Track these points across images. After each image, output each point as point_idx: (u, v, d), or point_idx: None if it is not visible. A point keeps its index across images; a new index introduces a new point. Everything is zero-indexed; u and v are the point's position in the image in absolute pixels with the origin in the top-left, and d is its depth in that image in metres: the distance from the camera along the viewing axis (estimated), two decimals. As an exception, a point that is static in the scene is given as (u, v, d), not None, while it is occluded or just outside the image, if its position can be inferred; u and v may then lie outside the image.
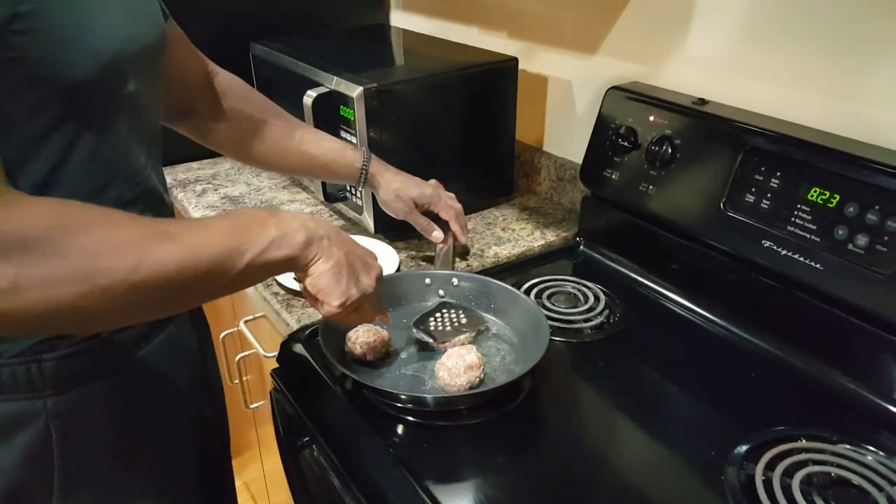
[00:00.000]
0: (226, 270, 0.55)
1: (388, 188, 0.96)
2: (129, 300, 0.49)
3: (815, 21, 0.83)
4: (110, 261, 0.48)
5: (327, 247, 0.63)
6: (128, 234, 0.50)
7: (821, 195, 0.77)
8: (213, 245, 0.54)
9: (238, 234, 0.56)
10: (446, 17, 1.47)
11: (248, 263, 0.56)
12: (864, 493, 0.62)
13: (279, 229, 0.59)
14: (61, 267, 0.46)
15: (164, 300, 0.53)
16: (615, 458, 0.70)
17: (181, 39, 0.81)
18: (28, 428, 0.62)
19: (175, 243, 0.52)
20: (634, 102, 0.98)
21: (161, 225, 0.53)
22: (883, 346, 0.73)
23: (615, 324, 0.89)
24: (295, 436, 0.81)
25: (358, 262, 0.67)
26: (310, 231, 0.61)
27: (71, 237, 0.47)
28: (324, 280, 0.64)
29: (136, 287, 0.49)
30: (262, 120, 0.90)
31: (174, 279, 0.51)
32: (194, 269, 0.52)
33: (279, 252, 0.59)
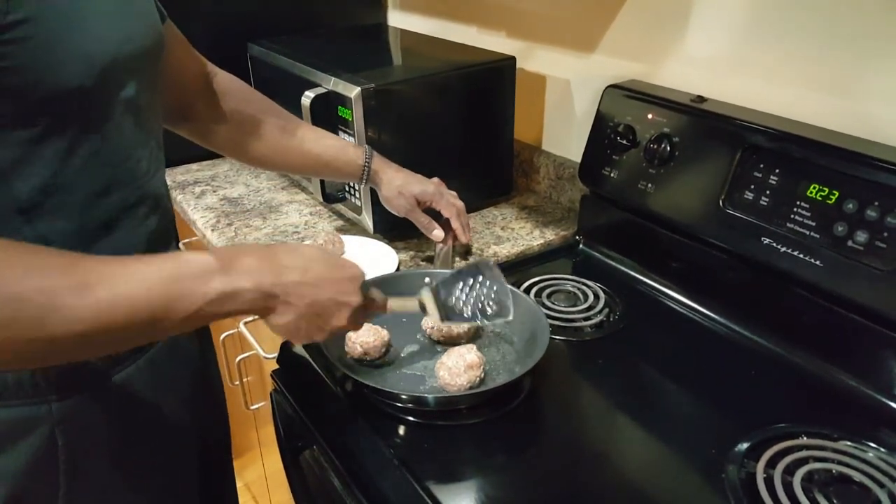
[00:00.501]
0: (150, 325, 0.51)
1: (391, 185, 0.96)
2: (34, 351, 0.47)
3: (813, 18, 0.83)
4: (13, 313, 0.45)
5: (283, 302, 0.58)
6: (36, 285, 0.46)
7: (820, 192, 0.77)
8: (136, 301, 0.50)
9: (171, 288, 0.51)
10: (444, 16, 1.46)
11: (179, 320, 0.52)
12: (866, 489, 0.62)
13: (225, 285, 0.53)
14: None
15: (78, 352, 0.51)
16: (616, 456, 0.70)
17: (179, 41, 0.80)
18: (33, 433, 0.62)
19: (90, 297, 0.48)
20: (633, 101, 0.98)
21: (83, 273, 0.49)
22: (883, 343, 0.73)
23: (615, 322, 0.89)
24: (295, 436, 0.81)
25: (328, 307, 0.61)
26: (263, 290, 0.56)
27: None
28: (281, 332, 0.61)
29: (40, 341, 0.46)
30: (263, 120, 0.90)
31: (85, 335, 0.48)
32: (109, 325, 0.49)
33: (221, 308, 0.54)
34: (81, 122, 0.56)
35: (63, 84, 0.53)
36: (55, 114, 0.54)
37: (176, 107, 0.82)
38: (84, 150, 0.57)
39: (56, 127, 0.54)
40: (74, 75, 0.53)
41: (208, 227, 1.17)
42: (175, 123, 0.85)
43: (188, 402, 0.77)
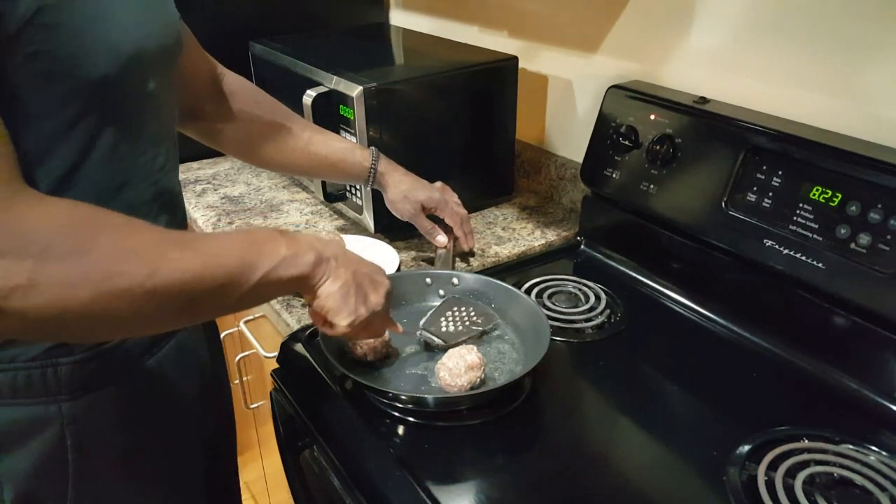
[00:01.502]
0: (238, 284, 0.54)
1: (397, 189, 0.96)
2: (141, 306, 0.49)
3: (817, 18, 0.83)
4: (128, 264, 0.47)
5: (335, 268, 0.63)
6: (146, 238, 0.50)
7: (823, 194, 0.77)
8: (227, 257, 0.54)
9: (251, 249, 0.56)
10: (446, 15, 1.46)
11: (259, 279, 0.56)
12: (867, 493, 0.61)
13: (289, 248, 0.58)
14: (78, 267, 0.45)
15: (176, 311, 0.53)
16: (616, 458, 0.70)
17: (191, 41, 0.81)
18: (43, 433, 0.61)
19: (192, 251, 0.51)
20: (635, 101, 0.98)
21: (176, 234, 0.53)
22: (885, 346, 0.73)
23: (616, 323, 0.89)
24: (295, 436, 0.80)
25: (366, 281, 0.66)
26: (318, 252, 0.61)
27: (89, 238, 0.46)
28: (332, 301, 0.63)
29: (150, 293, 0.48)
30: (270, 121, 0.90)
31: (189, 288, 0.50)
32: (210, 279, 0.52)
33: (289, 271, 0.58)
34: (104, 114, 0.56)
35: (88, 73, 0.53)
36: (79, 104, 0.54)
37: (184, 106, 0.82)
38: (104, 143, 0.57)
39: (79, 118, 0.55)
40: (100, 65, 0.53)
41: (209, 225, 1.17)
42: (183, 123, 0.85)
43: (197, 401, 0.77)
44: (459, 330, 0.82)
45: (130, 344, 0.66)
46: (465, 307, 0.86)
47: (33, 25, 0.48)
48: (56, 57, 0.51)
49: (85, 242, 0.46)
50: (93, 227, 0.47)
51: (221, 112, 0.87)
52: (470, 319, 0.84)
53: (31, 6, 0.48)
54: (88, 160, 0.57)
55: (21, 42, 0.48)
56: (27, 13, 0.48)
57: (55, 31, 0.50)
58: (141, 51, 0.58)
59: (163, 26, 0.63)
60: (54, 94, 0.52)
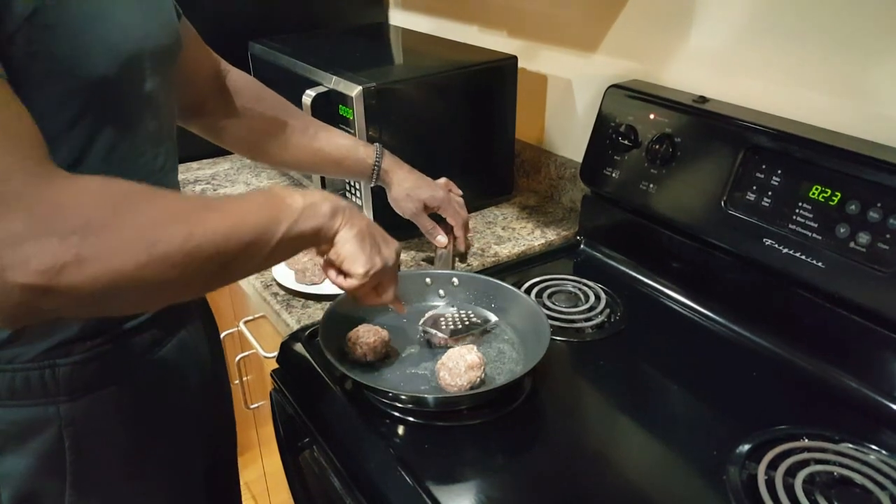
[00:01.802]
0: (266, 241, 0.56)
1: (400, 186, 0.96)
2: (183, 269, 0.50)
3: (816, 18, 0.83)
4: (166, 229, 0.49)
5: (349, 217, 0.64)
6: (177, 205, 0.52)
7: (822, 193, 0.77)
8: (253, 216, 0.55)
9: (273, 204, 0.58)
10: (445, 15, 1.46)
11: (283, 234, 0.57)
12: (867, 492, 0.61)
13: (306, 200, 0.60)
14: (120, 237, 0.46)
15: (213, 271, 0.54)
16: (616, 457, 0.70)
17: (194, 38, 0.80)
18: (42, 434, 0.61)
19: (220, 213, 0.53)
20: (635, 101, 0.98)
21: (202, 199, 0.56)
22: (885, 345, 0.73)
23: (616, 323, 0.89)
24: (295, 436, 0.80)
25: (378, 234, 0.69)
26: (333, 202, 0.63)
27: (126, 209, 0.47)
28: (349, 247, 0.65)
29: (190, 255, 0.49)
30: (275, 118, 0.90)
31: (222, 248, 0.52)
32: (239, 237, 0.53)
33: (309, 223, 0.60)
34: (103, 113, 0.56)
35: (88, 73, 0.53)
36: (79, 105, 0.54)
37: (188, 103, 0.82)
38: (104, 143, 0.57)
39: (79, 118, 0.55)
40: (99, 65, 0.54)
41: (209, 225, 1.16)
42: (186, 119, 0.85)
43: (197, 401, 0.77)
44: (460, 328, 0.82)
45: (131, 343, 0.66)
46: (462, 311, 0.86)
47: (32, 25, 0.48)
48: (55, 57, 0.51)
49: (122, 214, 0.47)
50: (127, 198, 0.48)
51: (225, 108, 0.86)
52: (469, 320, 0.84)
53: (29, 6, 0.48)
54: (87, 160, 0.57)
55: (19, 42, 0.48)
56: (24, 12, 0.48)
57: (54, 31, 0.50)
58: (140, 51, 0.58)
59: (161, 26, 0.63)
60: (53, 95, 0.52)
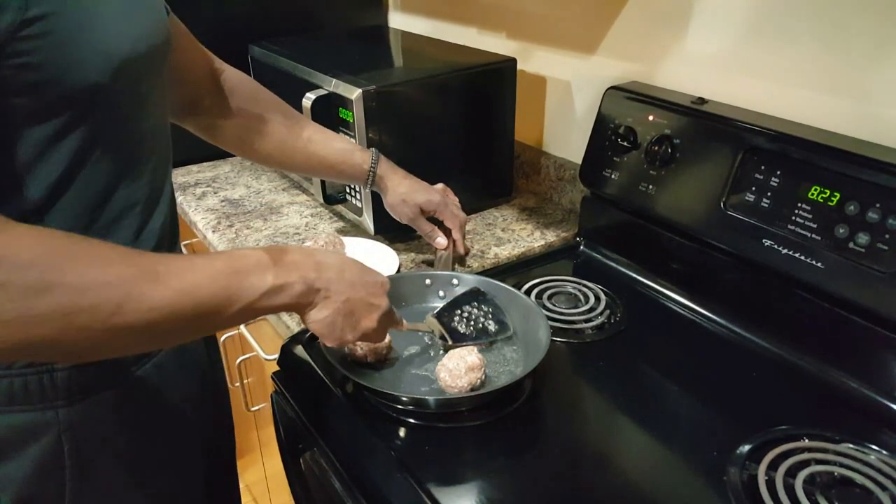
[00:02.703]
0: (212, 317, 0.54)
1: (395, 192, 0.95)
2: (106, 341, 0.49)
3: (815, 19, 0.83)
4: (93, 299, 0.46)
5: (324, 297, 0.62)
6: (115, 272, 0.48)
7: (821, 194, 0.77)
8: (202, 291, 0.52)
9: (231, 280, 0.54)
10: (445, 17, 1.47)
11: (237, 310, 0.55)
12: (868, 492, 0.62)
13: (277, 279, 0.57)
14: (42, 302, 0.44)
15: (146, 340, 0.53)
16: (617, 458, 0.70)
17: (184, 35, 0.80)
18: (40, 439, 0.61)
19: (162, 286, 0.50)
20: (633, 102, 0.98)
21: (151, 263, 0.51)
22: (884, 345, 0.73)
23: (616, 324, 0.89)
24: (296, 438, 0.80)
25: (360, 307, 0.65)
26: (308, 283, 0.60)
27: (57, 272, 0.45)
28: (318, 326, 0.63)
29: (114, 329, 0.48)
30: (270, 118, 0.89)
31: (157, 323, 0.50)
32: (179, 314, 0.51)
33: (273, 301, 0.57)
34: (95, 119, 0.56)
35: (80, 81, 0.53)
36: (71, 111, 0.54)
37: (182, 100, 0.82)
38: (97, 147, 0.57)
39: (71, 125, 0.55)
40: (91, 72, 0.53)
41: (209, 228, 1.17)
42: (181, 117, 0.85)
43: (195, 405, 0.77)
44: (469, 333, 0.81)
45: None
46: (485, 307, 0.83)
47: (20, 38, 0.48)
48: (46, 67, 0.50)
49: (50, 277, 0.45)
50: (62, 259, 0.46)
51: (220, 107, 0.86)
52: (485, 323, 0.82)
53: (16, 18, 0.47)
54: (82, 165, 0.57)
55: (8, 53, 0.48)
56: (12, 25, 0.47)
57: (44, 42, 0.49)
58: (132, 54, 0.57)
59: (152, 25, 0.63)
60: (46, 103, 0.52)
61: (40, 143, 0.53)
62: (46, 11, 0.49)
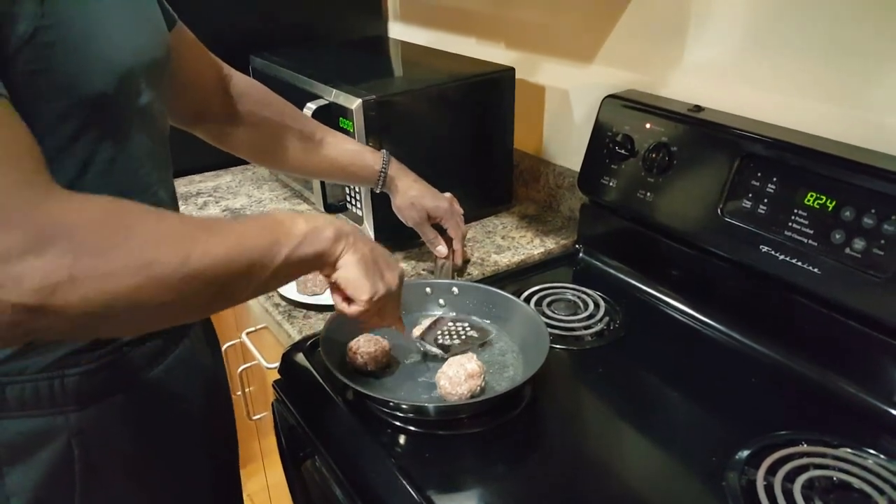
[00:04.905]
0: (266, 264, 0.56)
1: (405, 195, 0.96)
2: (179, 292, 0.49)
3: (810, 27, 0.84)
4: (163, 251, 0.48)
5: (353, 242, 0.65)
6: (175, 226, 0.51)
7: (817, 200, 0.78)
8: (253, 239, 0.55)
9: (274, 229, 0.58)
10: (444, 28, 1.48)
11: (285, 258, 0.57)
12: (866, 496, 0.62)
13: (308, 224, 0.60)
14: (117, 258, 0.46)
15: (212, 294, 0.53)
16: (617, 465, 0.70)
17: (192, 43, 0.81)
18: (51, 444, 0.62)
19: (219, 236, 0.52)
20: (631, 110, 0.99)
21: (202, 221, 0.54)
22: (882, 349, 0.73)
23: (615, 331, 0.90)
24: (297, 446, 0.81)
25: (381, 259, 0.69)
26: (336, 227, 0.63)
27: (124, 229, 0.47)
28: (353, 272, 0.65)
29: (187, 278, 0.49)
30: (280, 123, 0.90)
31: (221, 271, 0.52)
32: (238, 261, 0.53)
33: (311, 247, 0.60)
34: (100, 130, 0.57)
35: (86, 90, 0.54)
36: (79, 120, 0.55)
37: (192, 108, 0.82)
38: (101, 158, 0.58)
39: (77, 135, 0.55)
40: (97, 81, 0.54)
41: (211, 238, 1.17)
42: (191, 125, 0.85)
43: (201, 411, 0.77)
44: (457, 343, 0.82)
45: (137, 354, 0.66)
46: (459, 322, 0.86)
47: (31, 45, 0.49)
48: (55, 74, 0.51)
49: (119, 234, 0.46)
50: (124, 218, 0.48)
51: (230, 113, 0.87)
52: (466, 333, 0.84)
53: (30, 26, 0.48)
54: (87, 175, 0.57)
55: (19, 62, 0.49)
56: (26, 32, 0.48)
57: (53, 50, 0.50)
58: (135, 65, 0.58)
59: (153, 39, 0.64)
60: (53, 112, 0.53)
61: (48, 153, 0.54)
62: (59, 20, 0.50)
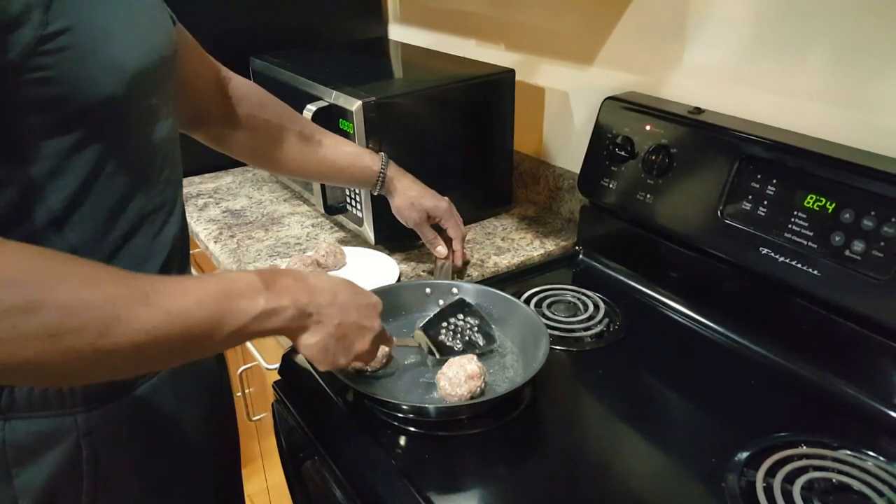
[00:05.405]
0: (203, 340, 0.53)
1: (405, 195, 0.96)
2: (94, 362, 0.47)
3: (811, 29, 0.84)
4: (81, 320, 0.45)
5: (317, 322, 0.61)
6: (103, 293, 0.47)
7: (817, 202, 0.78)
8: (191, 315, 0.51)
9: (222, 304, 0.53)
10: (444, 30, 1.48)
11: (228, 334, 0.54)
12: (865, 498, 0.62)
13: (269, 303, 0.56)
14: (29, 322, 0.43)
15: (133, 364, 0.52)
16: (616, 466, 0.70)
17: (191, 44, 0.81)
18: (59, 445, 0.61)
19: (151, 308, 0.49)
20: (631, 112, 0.99)
21: (141, 284, 0.50)
22: (881, 351, 0.73)
23: (615, 332, 0.90)
24: (297, 448, 0.81)
25: (352, 330, 0.65)
26: (300, 307, 0.59)
27: (45, 291, 0.44)
28: (309, 351, 0.63)
29: (101, 352, 0.47)
30: (279, 125, 0.90)
31: (145, 346, 0.49)
32: (168, 337, 0.50)
33: (264, 325, 0.57)
34: (110, 131, 0.57)
35: (96, 94, 0.54)
36: (87, 124, 0.55)
37: (190, 111, 0.82)
38: (112, 159, 0.58)
39: (88, 137, 0.55)
40: (107, 85, 0.54)
41: (211, 238, 1.18)
42: (190, 128, 0.85)
43: (206, 412, 0.77)
44: (455, 346, 0.81)
45: None
46: (470, 318, 0.84)
47: (39, 53, 0.49)
48: (63, 81, 0.51)
49: (38, 297, 0.44)
50: (50, 278, 0.45)
51: (228, 116, 0.87)
52: (471, 336, 0.83)
53: (37, 33, 0.48)
54: (97, 177, 0.57)
55: (26, 69, 0.49)
56: (31, 41, 0.48)
57: (62, 57, 0.50)
58: (144, 67, 0.58)
59: (160, 37, 0.64)
60: (62, 117, 0.53)
61: (57, 157, 0.54)
62: (65, 27, 0.50)
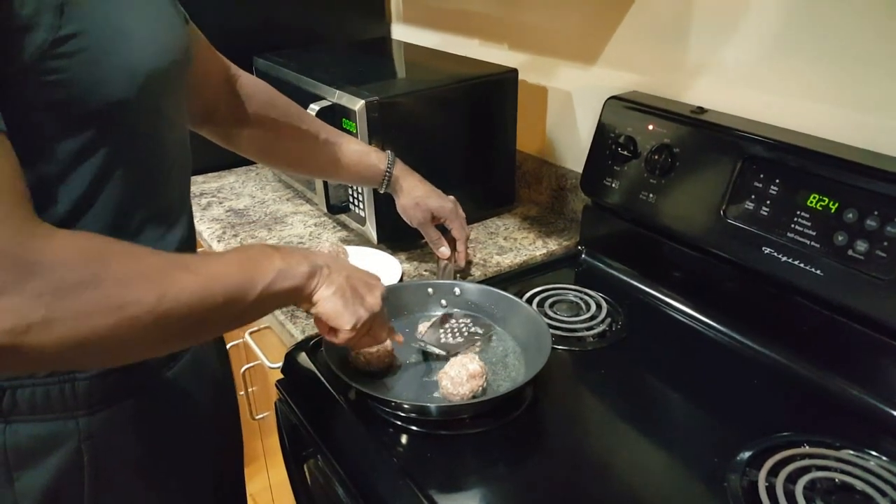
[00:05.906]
0: (239, 301, 0.57)
1: (410, 195, 0.97)
2: (153, 330, 0.50)
3: (813, 29, 0.84)
4: (138, 291, 0.49)
5: (328, 275, 0.65)
6: (151, 264, 0.52)
7: (820, 201, 0.78)
8: (227, 277, 0.56)
9: (248, 266, 0.58)
10: (447, 29, 1.48)
11: (259, 294, 0.58)
12: (868, 498, 0.62)
13: (283, 262, 0.61)
14: (92, 298, 0.46)
15: (184, 331, 0.55)
16: (618, 465, 0.70)
17: (202, 43, 0.80)
18: (60, 449, 0.62)
19: (193, 274, 0.53)
20: (633, 112, 0.99)
21: (177, 257, 0.55)
22: (884, 351, 0.73)
23: (617, 332, 0.90)
24: (300, 446, 0.81)
25: (360, 284, 0.69)
26: (311, 262, 0.64)
27: (100, 268, 0.47)
28: (330, 304, 0.65)
29: (160, 317, 0.50)
30: (287, 123, 0.90)
31: (194, 309, 0.52)
32: (212, 299, 0.54)
33: (285, 283, 0.61)
34: (120, 133, 0.57)
35: (108, 97, 0.54)
36: (98, 126, 0.55)
37: (199, 108, 0.82)
38: (121, 160, 0.58)
39: (98, 140, 0.55)
40: (118, 88, 0.54)
41: (214, 238, 1.18)
42: (198, 125, 0.86)
43: (209, 415, 0.77)
44: (459, 341, 0.83)
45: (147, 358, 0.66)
46: (462, 319, 0.87)
47: (51, 56, 0.49)
48: (75, 84, 0.51)
49: (96, 273, 0.47)
50: (102, 257, 0.48)
51: (237, 113, 0.87)
52: (469, 330, 0.85)
53: (49, 36, 0.48)
54: (106, 179, 0.57)
55: (39, 71, 0.49)
56: (44, 44, 0.48)
57: (74, 59, 0.50)
58: (155, 70, 0.58)
59: (173, 40, 0.63)
60: (73, 119, 0.53)
61: (66, 159, 0.54)
62: (78, 30, 0.50)
